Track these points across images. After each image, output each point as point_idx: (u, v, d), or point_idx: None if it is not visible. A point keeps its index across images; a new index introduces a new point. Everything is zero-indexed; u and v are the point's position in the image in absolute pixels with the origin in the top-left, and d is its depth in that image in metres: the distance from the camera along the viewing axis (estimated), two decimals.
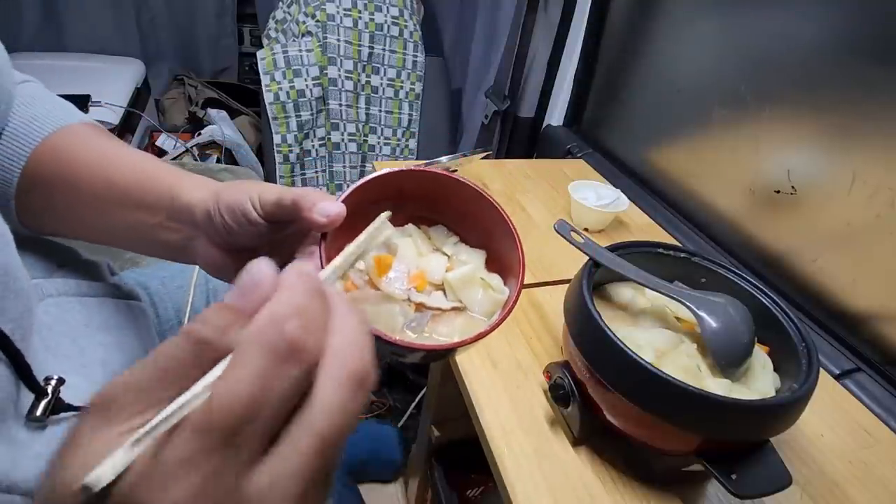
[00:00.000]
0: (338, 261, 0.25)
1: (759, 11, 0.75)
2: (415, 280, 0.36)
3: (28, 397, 0.33)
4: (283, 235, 0.37)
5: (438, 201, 0.39)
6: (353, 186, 0.35)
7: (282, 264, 0.41)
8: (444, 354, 0.33)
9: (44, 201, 0.41)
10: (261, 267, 0.20)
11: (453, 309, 0.36)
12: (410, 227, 0.39)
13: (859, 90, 0.63)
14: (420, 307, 0.35)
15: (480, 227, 0.39)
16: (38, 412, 0.32)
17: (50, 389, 0.33)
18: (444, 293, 0.37)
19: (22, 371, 0.32)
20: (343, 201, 0.33)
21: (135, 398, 0.18)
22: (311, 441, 0.18)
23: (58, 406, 0.34)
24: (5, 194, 0.41)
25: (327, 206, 0.32)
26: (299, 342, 0.18)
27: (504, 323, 0.33)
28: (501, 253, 0.38)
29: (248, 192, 0.35)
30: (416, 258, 0.37)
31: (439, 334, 0.35)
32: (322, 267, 0.31)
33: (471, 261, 0.38)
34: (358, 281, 0.36)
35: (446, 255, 0.39)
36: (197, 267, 0.61)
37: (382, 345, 0.30)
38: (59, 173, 0.40)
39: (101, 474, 0.16)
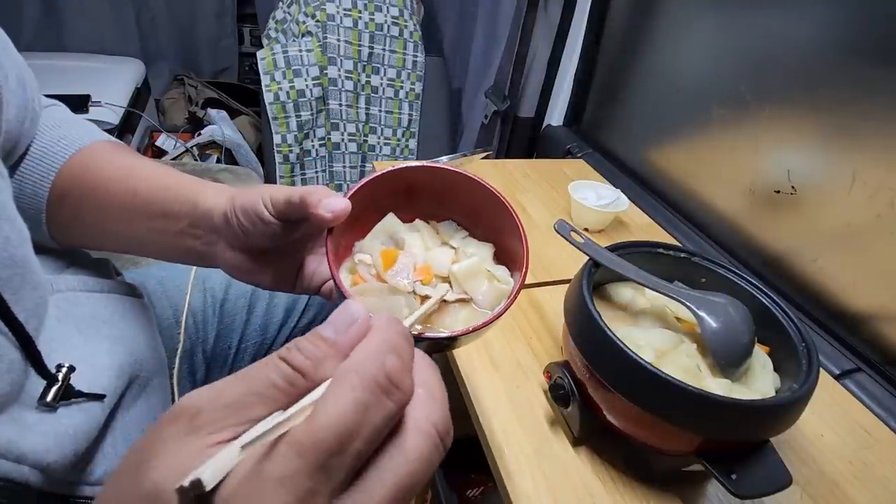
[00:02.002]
0: (422, 309, 0.27)
1: (759, 11, 0.75)
2: (420, 273, 0.37)
3: (36, 383, 0.34)
4: (295, 236, 0.39)
5: (447, 196, 0.40)
6: (361, 182, 0.36)
7: (295, 265, 0.41)
8: (448, 344, 0.33)
9: (73, 215, 0.43)
10: (357, 307, 0.22)
11: (458, 301, 0.36)
12: (419, 222, 0.40)
13: (859, 90, 0.63)
14: (425, 299, 0.36)
15: (487, 221, 0.39)
16: (49, 398, 0.34)
17: (61, 376, 0.35)
18: (451, 286, 0.37)
19: (33, 358, 0.33)
20: (349, 197, 0.34)
21: (223, 413, 0.19)
22: (395, 483, 0.18)
23: (68, 392, 0.35)
24: (37, 209, 0.43)
25: (332, 202, 0.33)
26: (396, 378, 0.19)
27: (505, 318, 0.33)
28: (508, 246, 0.38)
29: (260, 194, 0.37)
30: (424, 252, 0.38)
31: (444, 326, 0.35)
32: (329, 259, 0.33)
33: (477, 253, 0.39)
34: (365, 274, 0.37)
35: (453, 248, 0.39)
36: (194, 267, 0.62)
37: None
38: (86, 187, 0.43)
39: (209, 475, 0.16)
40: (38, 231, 0.43)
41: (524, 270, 0.35)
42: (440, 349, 0.34)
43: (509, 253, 0.39)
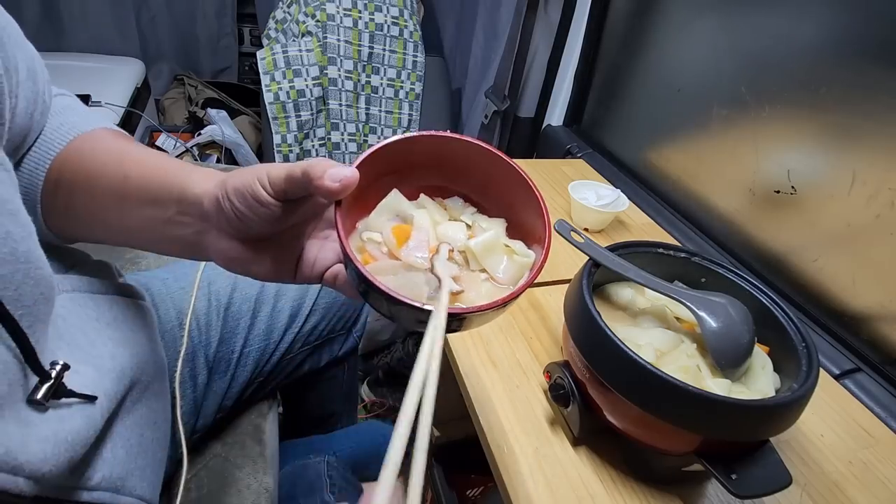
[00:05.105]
0: (445, 286, 0.26)
1: (759, 11, 0.75)
2: (435, 249, 0.35)
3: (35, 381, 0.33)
4: (295, 219, 0.36)
5: (452, 169, 0.37)
6: (363, 155, 0.33)
7: (295, 252, 0.39)
8: (474, 320, 0.31)
9: (66, 202, 0.42)
10: None
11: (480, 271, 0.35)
12: (424, 198, 0.38)
13: (859, 90, 0.63)
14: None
15: (499, 195, 0.37)
16: (39, 395, 0.33)
17: (54, 374, 0.34)
18: (468, 262, 0.35)
19: (27, 354, 0.32)
20: (357, 167, 0.32)
21: None
22: None
23: (60, 391, 0.34)
24: (33, 199, 0.42)
25: (339, 171, 0.31)
26: None
27: (504, 317, 0.32)
28: (523, 218, 0.36)
29: (255, 173, 0.34)
30: (433, 228, 0.36)
31: (465, 303, 0.33)
32: (340, 235, 0.30)
33: (492, 228, 0.37)
34: (376, 252, 0.35)
35: (466, 223, 0.37)
36: (200, 270, 0.62)
37: (410, 312, 0.28)
38: (79, 172, 0.41)
39: None
40: (35, 222, 0.42)
41: (547, 242, 0.33)
42: (459, 326, 0.32)
43: (524, 225, 0.36)
